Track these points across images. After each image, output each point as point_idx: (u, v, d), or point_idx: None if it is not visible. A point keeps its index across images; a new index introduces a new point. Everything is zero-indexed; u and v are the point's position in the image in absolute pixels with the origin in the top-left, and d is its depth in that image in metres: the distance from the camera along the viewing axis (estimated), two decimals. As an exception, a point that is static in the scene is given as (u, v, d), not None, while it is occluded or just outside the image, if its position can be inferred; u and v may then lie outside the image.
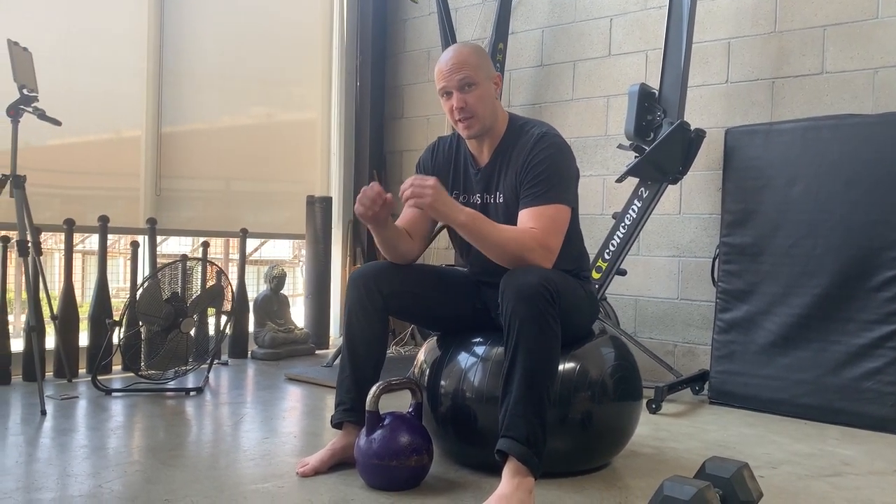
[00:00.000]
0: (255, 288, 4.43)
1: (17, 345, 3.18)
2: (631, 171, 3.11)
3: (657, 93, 3.13)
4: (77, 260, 5.96)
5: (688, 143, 3.10)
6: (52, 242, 5.00)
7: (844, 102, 3.11)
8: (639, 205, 3.18)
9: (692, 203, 3.52)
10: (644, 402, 2.36)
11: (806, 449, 2.44)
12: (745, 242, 3.09)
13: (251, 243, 5.77)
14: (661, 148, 3.04)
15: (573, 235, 2.10)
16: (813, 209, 2.93)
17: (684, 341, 3.53)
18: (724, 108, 3.42)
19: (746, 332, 3.05)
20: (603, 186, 3.79)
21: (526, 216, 1.95)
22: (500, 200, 2.05)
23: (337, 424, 2.10)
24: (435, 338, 2.26)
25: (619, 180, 3.21)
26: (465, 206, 2.10)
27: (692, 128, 3.10)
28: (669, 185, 3.21)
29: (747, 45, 3.37)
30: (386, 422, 1.92)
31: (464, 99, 1.98)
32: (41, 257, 3.01)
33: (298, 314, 4.42)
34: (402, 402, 2.18)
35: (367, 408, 1.91)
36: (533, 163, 1.96)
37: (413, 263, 2.16)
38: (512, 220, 1.99)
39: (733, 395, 3.06)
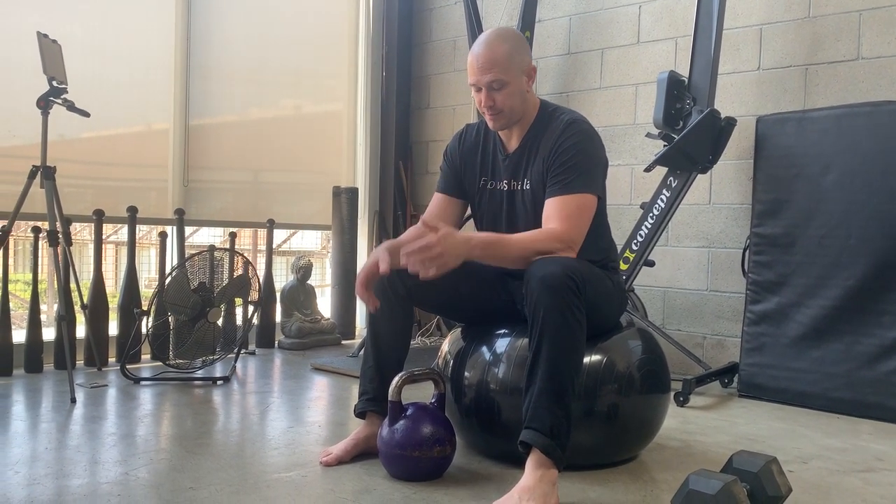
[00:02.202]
0: (284, 278, 4.46)
1: (48, 334, 3.23)
2: (660, 161, 3.06)
3: (687, 80, 3.07)
4: (110, 250, 6.06)
5: (718, 131, 3.04)
6: (86, 233, 5.08)
7: (881, 89, 3.02)
8: (667, 194, 3.14)
9: (722, 193, 3.46)
10: (672, 394, 2.33)
11: (837, 444, 2.39)
12: (776, 233, 3.03)
13: (280, 234, 5.81)
14: (691, 136, 2.98)
15: (601, 226, 2.07)
16: (847, 199, 2.86)
17: (713, 333, 3.48)
18: (756, 96, 3.35)
19: (777, 325, 3.00)
20: (631, 176, 3.74)
21: (551, 206, 1.92)
22: (528, 187, 2.02)
23: (360, 414, 2.10)
24: (459, 329, 2.25)
25: (648, 169, 3.16)
26: (490, 192, 2.09)
27: (722, 116, 3.04)
28: (699, 175, 3.15)
29: (780, 31, 3.29)
30: (409, 412, 1.92)
31: (492, 97, 1.96)
32: (71, 247, 3.05)
33: (325, 305, 4.44)
34: (425, 392, 2.18)
35: (389, 398, 1.90)
36: (560, 149, 1.94)
37: None
38: (539, 208, 1.97)
39: (763, 388, 3.00)
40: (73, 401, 2.65)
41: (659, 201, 3.15)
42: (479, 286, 2.14)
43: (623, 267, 3.17)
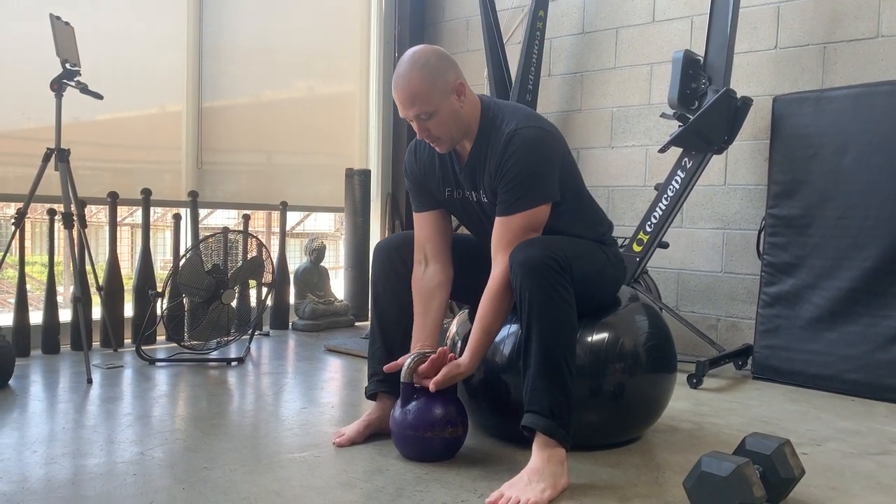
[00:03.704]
0: (298, 260, 4.47)
1: (65, 315, 3.27)
2: (674, 141, 3.03)
3: (702, 60, 3.03)
4: (125, 232, 6.09)
5: (734, 111, 3.00)
6: (102, 216, 5.11)
7: (901, 67, 2.97)
8: (682, 176, 3.11)
9: (737, 174, 3.43)
10: (683, 377, 2.33)
11: (852, 426, 2.38)
12: (792, 214, 3.00)
13: (295, 216, 5.82)
14: (706, 117, 2.95)
15: (582, 205, 2.04)
16: (864, 179, 2.82)
17: (728, 315, 3.46)
18: (773, 75, 3.31)
19: (792, 307, 2.97)
20: (645, 157, 3.71)
21: (497, 228, 1.90)
22: (486, 200, 1.98)
23: (371, 395, 2.11)
24: (466, 310, 2.25)
25: (663, 150, 3.13)
26: (461, 200, 2.04)
27: (738, 95, 3.00)
28: (714, 156, 3.12)
29: (797, 8, 3.24)
30: (421, 393, 1.92)
31: (426, 127, 1.89)
32: (86, 230, 3.07)
33: (339, 287, 4.45)
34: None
35: (402, 379, 1.91)
36: (503, 170, 1.87)
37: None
38: None
39: (777, 370, 2.99)
40: (90, 381, 2.68)
41: (673, 182, 3.13)
42: (478, 266, 2.13)
43: (637, 249, 3.15)
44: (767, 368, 3.02)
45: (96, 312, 3.32)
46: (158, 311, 3.21)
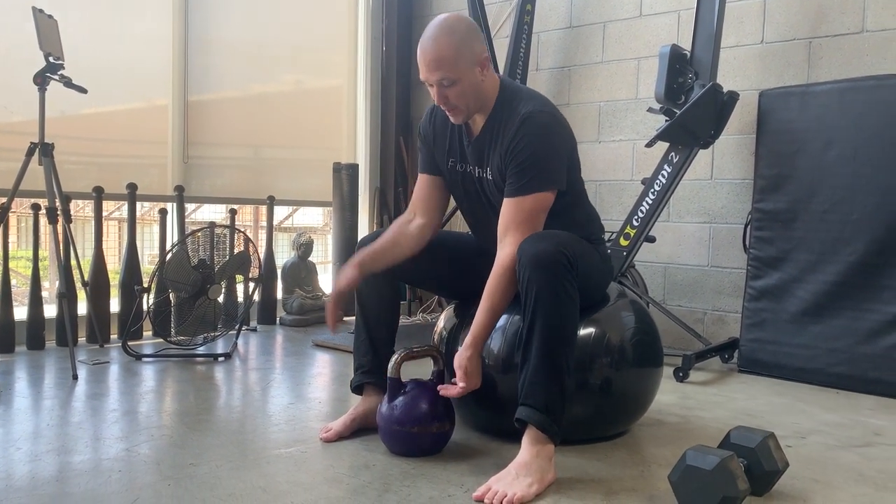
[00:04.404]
0: (286, 254, 4.45)
1: (50, 311, 3.25)
2: (661, 136, 3.04)
3: (689, 54, 3.04)
4: (114, 227, 6.06)
5: (720, 106, 3.01)
6: (88, 210, 5.08)
7: (886, 62, 2.99)
8: (669, 170, 3.12)
9: (724, 168, 3.44)
10: (669, 370, 2.34)
11: (836, 419, 2.40)
12: (778, 208, 3.01)
13: (283, 211, 5.80)
14: (693, 111, 2.96)
15: (578, 202, 2.05)
16: (850, 174, 2.84)
17: (714, 309, 3.48)
18: (759, 70, 3.32)
19: (778, 300, 2.99)
20: (632, 151, 3.72)
21: (505, 209, 1.90)
22: (490, 178, 1.99)
23: (357, 388, 2.12)
24: (453, 306, 2.25)
25: (649, 145, 3.14)
26: (462, 174, 2.06)
27: (725, 90, 3.01)
28: (701, 150, 3.13)
29: (783, 3, 3.25)
30: (408, 388, 1.92)
31: (445, 94, 1.89)
32: (71, 225, 3.05)
33: (327, 281, 4.44)
34: (424, 369, 2.18)
35: (388, 374, 1.91)
36: (515, 150, 1.89)
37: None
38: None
39: (763, 363, 3.01)
40: (75, 377, 2.67)
41: (660, 177, 3.13)
42: (463, 263, 2.14)
43: (624, 243, 3.16)
44: (753, 362, 3.04)
45: (82, 308, 3.30)
46: (145, 307, 3.19)
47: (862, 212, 2.80)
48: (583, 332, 1.99)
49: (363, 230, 4.60)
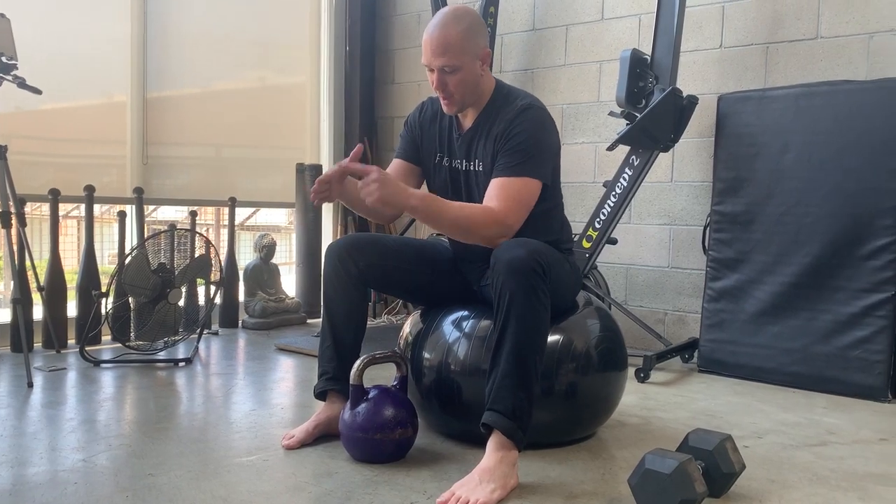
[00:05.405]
0: (249, 255, 4.41)
1: (4, 316, 3.17)
2: (622, 139, 3.07)
3: (649, 58, 3.08)
4: (72, 225, 5.92)
5: (680, 109, 3.06)
6: (46, 209, 4.97)
7: (839, 68, 3.06)
8: (630, 173, 3.15)
9: (684, 171, 3.49)
10: (631, 371, 2.37)
11: (792, 418, 2.45)
12: (736, 211, 3.07)
13: (245, 210, 5.72)
14: (653, 115, 2.99)
15: (553, 209, 2.09)
16: (805, 177, 2.90)
17: (674, 309, 3.53)
18: (718, 74, 3.37)
19: (736, 301, 3.05)
20: (595, 154, 3.75)
21: (494, 186, 1.93)
22: (479, 168, 2.03)
23: (320, 394, 2.10)
24: (419, 311, 2.25)
25: (611, 148, 3.17)
26: (448, 169, 2.10)
27: (684, 94, 3.06)
28: (661, 153, 3.17)
29: (741, 8, 3.31)
30: (370, 395, 1.92)
31: (445, 81, 1.94)
32: (25, 228, 2.98)
33: (291, 283, 4.41)
34: (388, 374, 2.18)
35: (351, 381, 1.90)
36: (512, 133, 1.94)
37: (393, 236, 2.15)
38: None
39: (722, 363, 3.06)
40: (30, 385, 2.61)
41: (621, 179, 3.17)
42: (432, 268, 2.16)
43: (586, 245, 3.19)
44: (712, 362, 3.09)
45: (38, 313, 3.22)
46: (103, 311, 3.13)
47: (817, 214, 2.87)
48: (551, 338, 2.00)
49: (327, 232, 4.58)
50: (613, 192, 3.18)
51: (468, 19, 1.94)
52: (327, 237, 4.57)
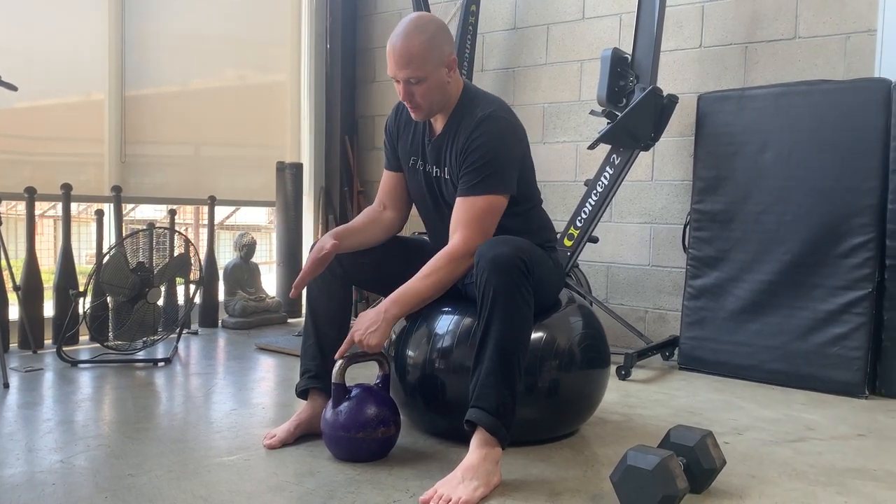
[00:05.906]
0: (229, 254, 4.37)
1: (-21, 316, 3.12)
2: (602, 138, 3.08)
3: (630, 58, 3.09)
4: (48, 224, 5.84)
5: (660, 109, 3.07)
6: (22, 206, 4.90)
7: (816, 68, 3.09)
8: (611, 172, 3.16)
9: (664, 170, 3.51)
10: (612, 369, 2.38)
11: (772, 414, 2.47)
12: (715, 209, 3.09)
13: (226, 208, 5.68)
14: (634, 114, 3.01)
15: (532, 208, 2.10)
16: (783, 176, 2.93)
17: (655, 307, 3.55)
18: (698, 74, 3.40)
19: (716, 299, 3.07)
20: (576, 153, 3.76)
21: (457, 208, 1.95)
22: (447, 177, 2.03)
23: (302, 393, 2.09)
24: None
25: (592, 147, 3.18)
26: (423, 173, 2.10)
27: (665, 93, 3.07)
28: (641, 152, 3.19)
29: (721, 8, 3.33)
30: (353, 394, 1.91)
31: (411, 91, 1.93)
32: (1, 227, 2.94)
33: (271, 282, 4.38)
34: (371, 372, 2.17)
35: (333, 380, 1.89)
36: (470, 149, 1.92)
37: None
38: None
39: (703, 360, 3.08)
40: (6, 386, 2.57)
41: (602, 178, 3.18)
42: (417, 267, 2.15)
43: (567, 243, 3.20)
44: (693, 359, 3.11)
45: (14, 312, 3.18)
46: (81, 311, 3.09)
47: (795, 213, 2.90)
48: (534, 335, 2.00)
49: (308, 230, 4.55)
50: (594, 191, 3.19)
51: (431, 28, 1.92)
52: (308, 236, 4.55)
